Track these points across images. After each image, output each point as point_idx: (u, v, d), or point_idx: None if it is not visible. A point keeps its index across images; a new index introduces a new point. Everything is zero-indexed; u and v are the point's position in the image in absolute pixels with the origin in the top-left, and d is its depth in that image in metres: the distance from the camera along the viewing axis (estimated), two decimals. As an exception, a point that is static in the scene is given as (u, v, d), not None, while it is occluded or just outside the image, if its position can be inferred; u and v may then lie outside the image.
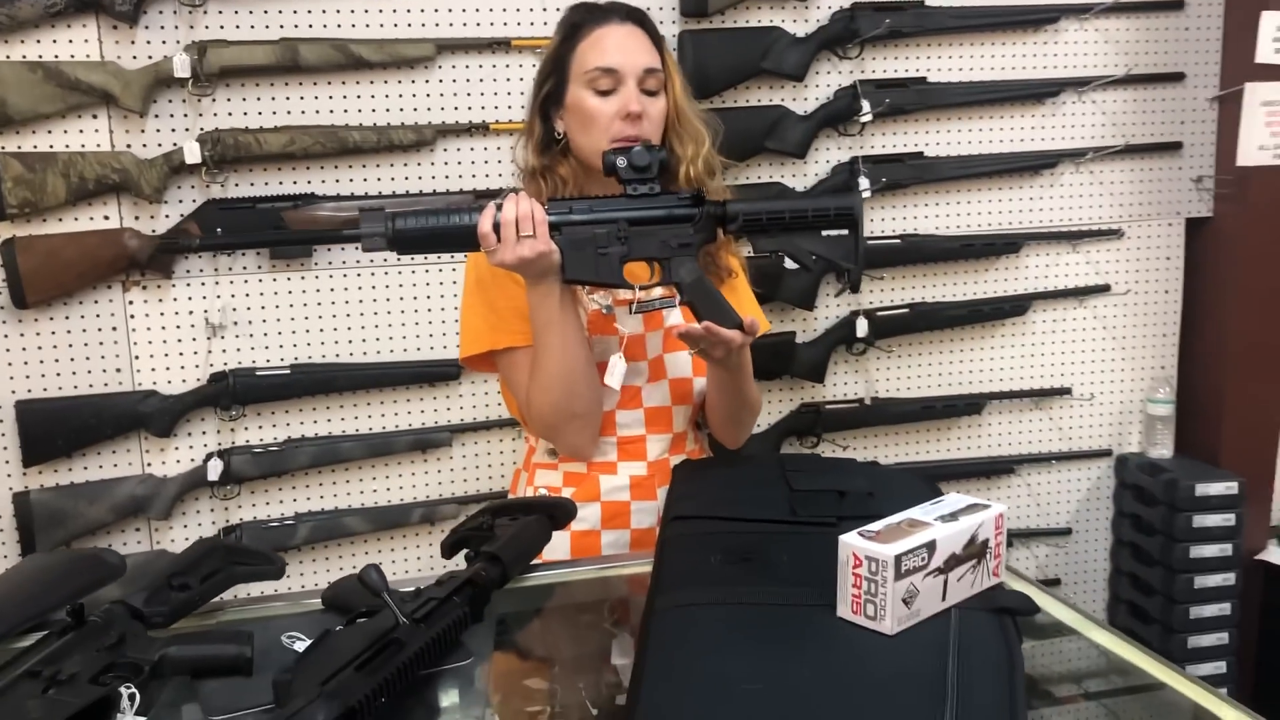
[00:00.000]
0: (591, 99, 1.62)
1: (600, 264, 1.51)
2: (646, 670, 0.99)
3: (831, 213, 1.52)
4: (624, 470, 1.71)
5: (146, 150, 2.19)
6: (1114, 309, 2.80)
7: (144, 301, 2.24)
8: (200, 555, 1.29)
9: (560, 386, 1.58)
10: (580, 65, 1.63)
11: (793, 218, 1.52)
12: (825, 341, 2.59)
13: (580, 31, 1.65)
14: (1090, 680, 1.27)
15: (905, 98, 2.54)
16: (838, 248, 1.53)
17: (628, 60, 1.62)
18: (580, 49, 1.64)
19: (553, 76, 1.67)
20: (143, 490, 2.25)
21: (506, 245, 1.47)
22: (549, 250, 1.48)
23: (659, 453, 1.72)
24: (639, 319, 1.67)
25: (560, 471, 1.72)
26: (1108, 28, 2.68)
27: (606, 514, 1.70)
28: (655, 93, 1.65)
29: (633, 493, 1.70)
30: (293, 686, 1.00)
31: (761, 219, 1.53)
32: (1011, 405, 2.77)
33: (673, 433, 1.73)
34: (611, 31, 1.64)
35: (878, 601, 1.02)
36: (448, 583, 1.21)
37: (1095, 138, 2.71)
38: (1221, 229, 2.78)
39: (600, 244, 1.51)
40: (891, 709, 0.91)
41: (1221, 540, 2.69)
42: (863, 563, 1.03)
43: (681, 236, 1.53)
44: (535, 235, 1.46)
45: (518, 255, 1.47)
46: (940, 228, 2.65)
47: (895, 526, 1.08)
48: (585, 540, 1.68)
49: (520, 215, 1.46)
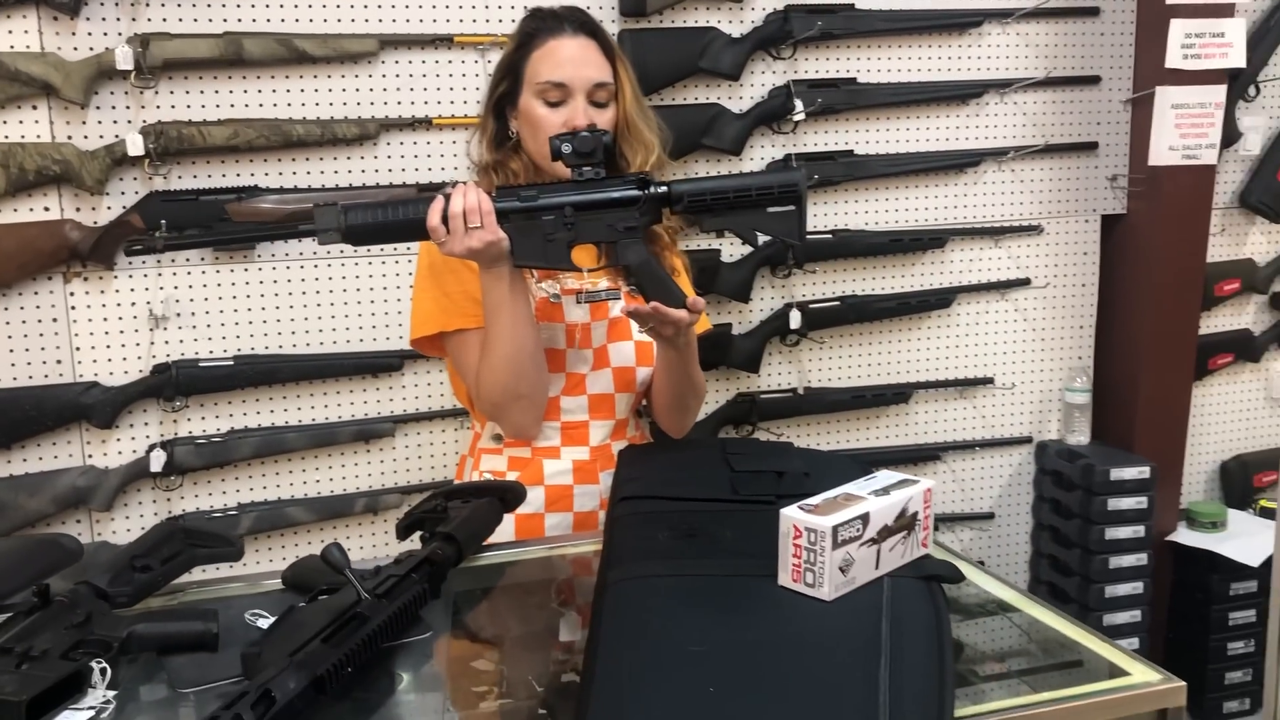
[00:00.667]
0: (540, 108, 1.69)
1: (548, 249, 1.55)
2: (601, 637, 1.05)
3: (775, 190, 1.55)
4: (567, 455, 1.76)
5: (88, 142, 2.19)
6: (1034, 302, 2.92)
7: (85, 293, 2.24)
8: (160, 538, 1.32)
9: (508, 367, 1.63)
10: (532, 75, 1.70)
11: (737, 196, 1.55)
12: (760, 333, 2.67)
13: (534, 40, 1.71)
14: (1015, 654, 1.35)
15: (836, 97, 2.63)
16: (782, 224, 1.57)
17: (577, 74, 1.68)
18: (534, 58, 1.70)
19: (507, 79, 1.74)
20: (84, 482, 2.25)
21: (455, 237, 1.51)
22: (497, 239, 1.53)
23: (601, 438, 1.78)
24: (585, 308, 1.73)
25: (505, 456, 1.78)
26: (1028, 32, 2.79)
27: (550, 497, 1.75)
28: (604, 104, 1.72)
29: (575, 476, 1.76)
30: (262, 658, 1.05)
31: (706, 199, 1.56)
32: (937, 394, 2.88)
33: (615, 419, 1.79)
34: (564, 44, 1.70)
35: (816, 570, 1.10)
36: (406, 561, 1.27)
37: (1016, 137, 2.82)
38: (1134, 225, 2.91)
39: (547, 230, 1.55)
40: (830, 666, 0.98)
41: (1134, 522, 2.82)
42: (802, 534, 1.10)
43: (627, 220, 1.57)
44: (483, 226, 1.51)
45: (466, 246, 1.52)
46: (870, 223, 2.74)
47: (832, 500, 1.15)
48: (529, 523, 1.74)
49: (468, 207, 1.51)
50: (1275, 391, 3.21)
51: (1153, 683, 1.10)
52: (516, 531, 1.72)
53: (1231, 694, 2.94)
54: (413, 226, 1.53)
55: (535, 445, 1.77)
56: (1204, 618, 2.91)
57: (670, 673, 0.98)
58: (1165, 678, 1.11)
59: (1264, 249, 3.13)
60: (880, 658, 0.99)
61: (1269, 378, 3.20)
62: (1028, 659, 1.28)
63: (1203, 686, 2.91)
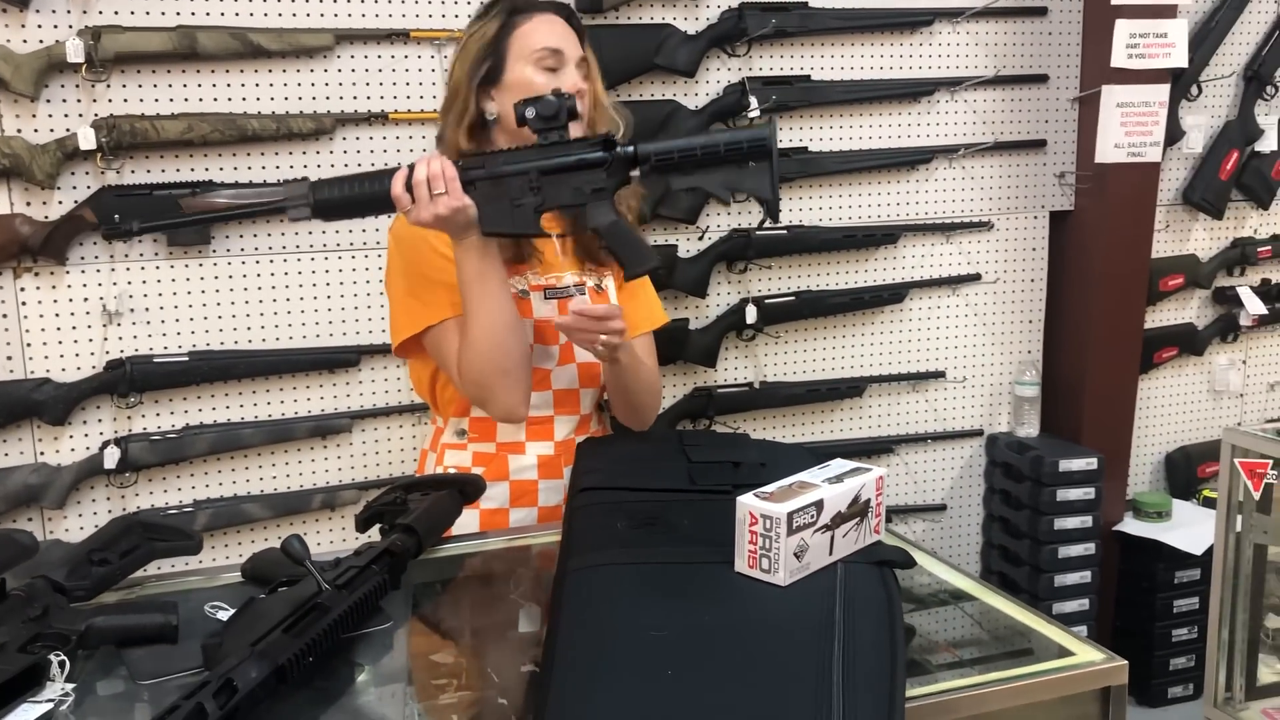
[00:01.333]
0: (539, 76, 1.68)
1: (516, 215, 1.54)
2: (561, 624, 1.07)
3: (745, 145, 1.52)
4: (532, 450, 1.77)
5: (38, 135, 2.17)
6: (984, 297, 2.97)
7: (36, 288, 2.21)
8: (118, 532, 1.32)
9: (488, 341, 1.61)
10: (525, 45, 1.70)
11: (705, 153, 1.51)
12: (716, 328, 2.69)
13: (517, 16, 1.72)
14: (967, 640, 1.38)
15: (790, 94, 2.66)
16: (753, 180, 1.53)
17: (569, 46, 1.72)
18: (523, 30, 1.71)
19: (490, 58, 1.71)
20: (36, 479, 2.23)
21: (421, 204, 1.51)
22: (463, 205, 1.52)
23: (566, 433, 1.79)
24: (553, 304, 1.73)
25: (469, 451, 1.78)
26: (978, 31, 2.84)
27: (515, 492, 1.76)
28: (586, 78, 1.74)
29: (540, 471, 1.77)
30: (223, 648, 1.05)
31: (673, 156, 1.52)
32: (890, 388, 2.92)
33: (579, 414, 1.80)
34: (550, 19, 1.73)
35: (772, 555, 1.12)
36: (366, 552, 1.27)
37: (967, 135, 2.87)
38: (1082, 221, 2.97)
39: (514, 195, 1.53)
40: (785, 648, 1.00)
41: (1082, 513, 2.88)
42: (758, 520, 1.13)
43: (594, 182, 1.54)
44: (448, 192, 1.51)
45: (433, 213, 1.51)
46: (824, 219, 2.78)
47: (787, 488, 1.17)
48: (494, 518, 1.75)
49: (431, 174, 1.50)
50: (1218, 384, 3.29)
51: (1096, 662, 1.14)
52: (480, 527, 1.73)
53: (1176, 679, 3.01)
54: (380, 198, 1.53)
55: (500, 440, 1.77)
56: (1150, 605, 2.98)
57: (629, 657, 0.99)
58: (1108, 657, 1.14)
59: (1206, 245, 3.21)
60: (834, 639, 1.01)
61: (1212, 371, 3.28)
62: (978, 645, 1.31)
63: (1149, 672, 2.98)
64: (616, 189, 1.57)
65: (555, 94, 1.56)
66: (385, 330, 2.39)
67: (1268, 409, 3.36)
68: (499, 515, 1.75)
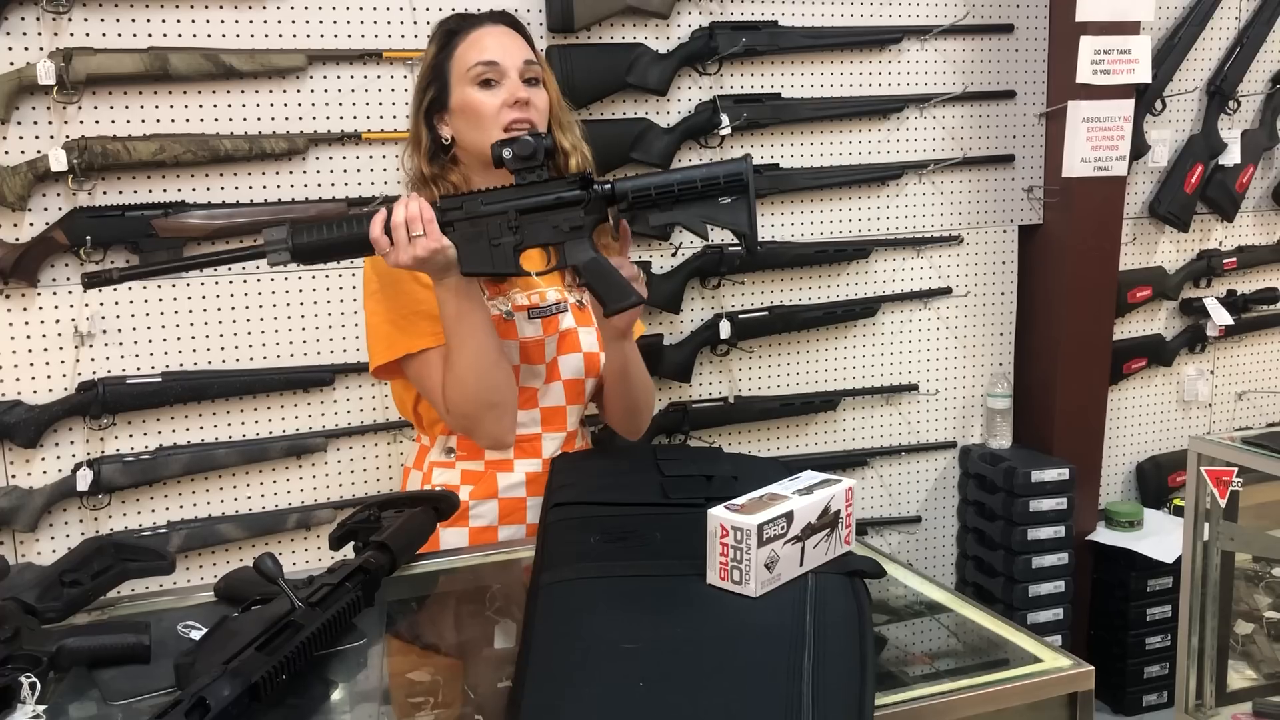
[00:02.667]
0: (477, 94, 1.69)
1: (495, 255, 1.54)
2: (534, 637, 1.07)
3: (721, 180, 1.53)
4: (520, 468, 1.77)
5: (9, 157, 2.16)
6: (956, 310, 3.00)
7: (8, 310, 2.21)
8: (90, 553, 1.31)
9: (474, 377, 1.62)
10: (461, 65, 1.70)
11: (682, 189, 1.53)
12: (691, 343, 2.71)
13: (456, 37, 1.73)
14: (940, 650, 1.39)
15: (761, 112, 2.69)
16: (729, 214, 1.54)
17: (507, 54, 1.70)
18: (459, 52, 1.71)
19: (434, 84, 1.73)
20: (7, 502, 2.22)
21: (400, 247, 1.51)
22: (442, 246, 1.52)
23: (553, 450, 1.79)
24: (538, 323, 1.74)
25: (458, 470, 1.77)
26: (946, 48, 2.88)
27: (504, 510, 1.76)
28: (536, 82, 1.73)
29: (528, 489, 1.76)
30: (195, 667, 1.05)
31: (651, 193, 1.54)
32: (864, 401, 2.94)
33: (566, 431, 1.81)
34: (489, 32, 1.73)
35: (743, 567, 1.13)
36: (339, 569, 1.27)
37: (936, 150, 2.90)
38: (1050, 234, 3.01)
39: (493, 235, 1.54)
40: (756, 658, 1.01)
41: (1055, 523, 2.90)
42: (729, 533, 1.14)
43: (573, 220, 1.55)
44: (426, 234, 1.51)
45: (412, 255, 1.51)
46: (796, 235, 2.80)
47: (757, 500, 1.19)
48: (483, 536, 1.74)
49: (409, 216, 1.50)
50: (1187, 394, 3.33)
51: (1063, 668, 1.15)
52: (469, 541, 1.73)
53: (1150, 687, 3.03)
54: (358, 241, 1.53)
55: (488, 458, 1.77)
56: (1123, 614, 3.00)
57: (601, 670, 1.00)
58: (1075, 663, 1.15)
59: (1173, 257, 3.25)
60: (804, 649, 1.02)
61: (1180, 381, 3.32)
62: (950, 655, 1.33)
63: (1123, 681, 3.00)
64: (595, 226, 1.58)
65: (532, 134, 1.58)
66: (360, 349, 2.40)
67: (1237, 418, 3.41)
68: (488, 533, 1.75)
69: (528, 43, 1.76)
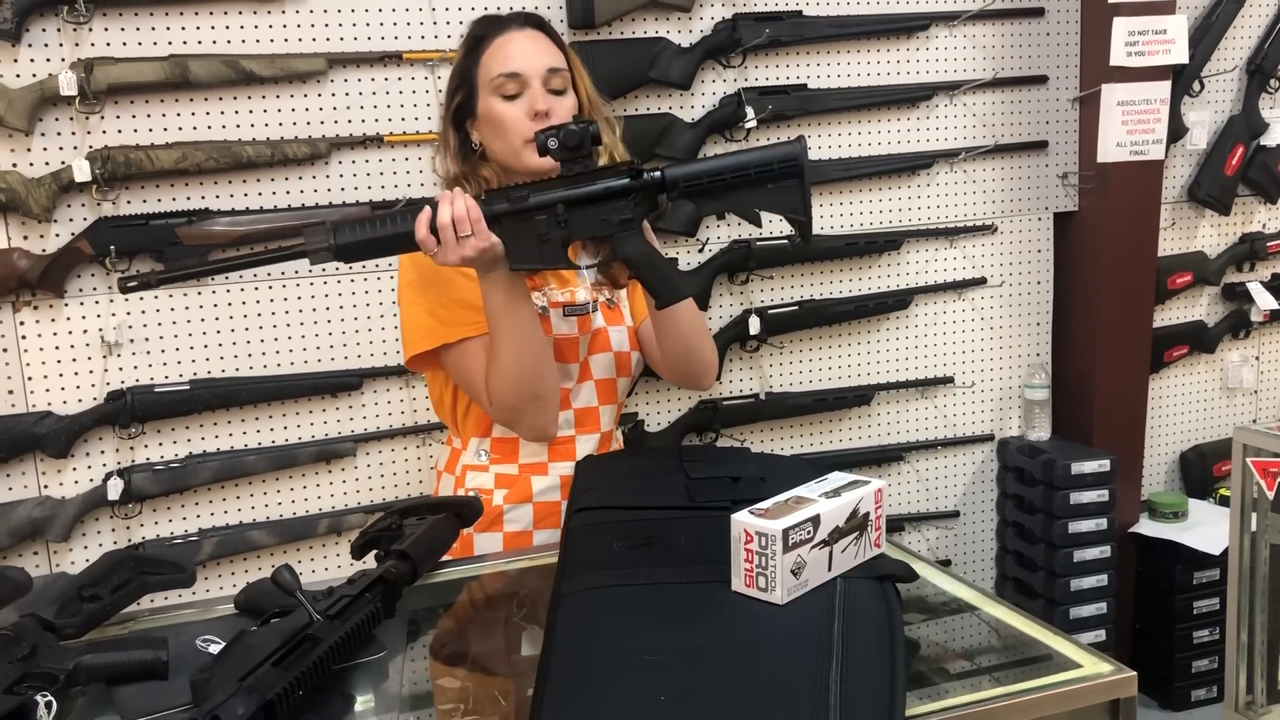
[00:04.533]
0: (500, 105, 1.66)
1: (544, 250, 1.50)
2: (554, 648, 1.05)
3: (775, 165, 1.47)
4: (555, 470, 1.74)
5: (34, 169, 2.17)
6: (991, 300, 2.94)
7: (35, 321, 2.21)
8: (110, 567, 1.31)
9: (518, 370, 1.59)
10: (486, 74, 1.68)
11: (735, 176, 1.47)
12: (720, 339, 2.67)
13: (483, 43, 1.70)
14: (973, 652, 1.35)
15: (787, 104, 2.65)
16: (785, 200, 1.48)
17: (530, 63, 1.66)
18: (484, 59, 1.69)
19: (461, 89, 1.71)
20: (40, 513, 2.22)
21: (448, 247, 1.48)
22: (490, 245, 1.49)
23: (588, 452, 1.76)
24: (572, 321, 1.71)
25: (491, 474, 1.75)
26: (975, 34, 2.82)
27: (539, 514, 1.73)
28: (561, 91, 1.69)
29: (563, 492, 1.72)
30: (211, 684, 1.03)
31: (702, 181, 1.48)
32: (898, 395, 2.89)
33: (600, 432, 1.78)
34: (513, 38, 1.69)
35: (769, 574, 1.10)
36: (359, 580, 1.25)
37: (967, 138, 2.85)
38: (1086, 222, 2.94)
39: (541, 230, 1.49)
40: (782, 669, 0.98)
41: (1097, 515, 2.84)
42: (753, 538, 1.11)
43: (621, 212, 1.49)
44: (474, 233, 1.47)
45: (460, 255, 1.48)
46: (825, 227, 2.76)
47: (782, 504, 1.15)
48: (518, 541, 1.72)
49: (456, 216, 1.47)
50: (1231, 381, 3.25)
51: (1104, 674, 1.11)
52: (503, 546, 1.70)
53: (1199, 682, 2.96)
54: (403, 239, 1.49)
55: (522, 461, 1.74)
56: (1169, 607, 2.93)
57: (622, 682, 0.97)
58: (1116, 669, 1.11)
59: (1214, 241, 3.18)
60: (832, 658, 0.99)
61: (1224, 368, 3.24)
62: (986, 656, 1.28)
63: (1170, 676, 2.93)
64: (644, 218, 1.52)
65: (577, 121, 1.53)
66: (387, 353, 2.40)
67: (1283, 405, 3.33)
68: (523, 538, 1.72)
69: (556, 44, 1.72)
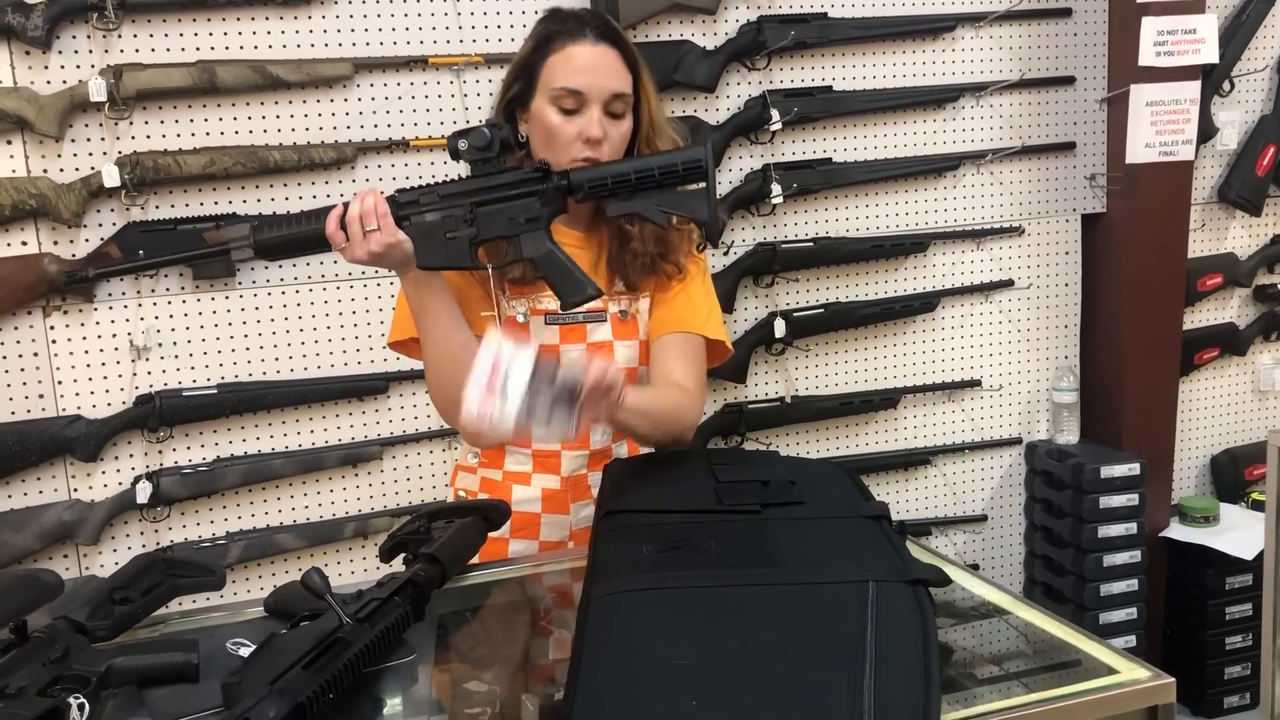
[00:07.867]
0: (555, 116, 1.61)
1: (450, 248, 1.51)
2: (584, 652, 1.04)
3: (680, 168, 1.50)
4: (537, 482, 1.71)
5: (64, 175, 2.19)
6: (1018, 303, 2.92)
7: (65, 326, 2.23)
8: (140, 569, 1.31)
9: (435, 370, 1.60)
10: (548, 79, 1.61)
11: (639, 178, 1.50)
12: (745, 342, 2.66)
13: (552, 43, 1.63)
14: (1006, 657, 1.34)
15: (813, 106, 2.64)
16: (690, 203, 1.52)
17: (594, 83, 1.60)
18: (550, 61, 1.62)
19: (520, 81, 1.66)
20: (70, 516, 2.24)
21: (355, 242, 1.49)
22: (397, 241, 1.49)
23: (574, 468, 1.71)
24: (554, 329, 1.68)
25: (478, 476, 1.74)
26: (1002, 35, 2.80)
27: (516, 523, 1.68)
28: (620, 115, 1.63)
29: (544, 505, 1.70)
30: (242, 687, 1.03)
31: (607, 183, 1.51)
32: (925, 398, 2.87)
33: (590, 449, 1.72)
34: (584, 50, 1.61)
35: None
36: (389, 584, 1.25)
37: (994, 140, 2.83)
38: (1115, 223, 2.92)
39: (449, 228, 1.51)
40: (814, 675, 0.97)
41: (1126, 519, 2.82)
42: None
43: (529, 211, 1.51)
44: (380, 228, 1.48)
45: (367, 250, 1.49)
46: (851, 230, 2.74)
47: None
48: (492, 548, 1.65)
49: (364, 211, 1.48)
50: (1263, 384, 3.21)
51: (1141, 680, 1.09)
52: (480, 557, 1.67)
53: (1231, 689, 2.93)
54: (316, 237, 1.51)
55: (506, 469, 1.72)
56: (1200, 613, 2.91)
57: (652, 686, 0.97)
58: (1154, 674, 1.09)
59: (1245, 242, 3.14)
60: (865, 664, 0.98)
61: (1256, 371, 3.21)
62: (1019, 661, 1.27)
63: (1202, 682, 2.90)
64: (552, 218, 1.54)
65: (489, 125, 1.54)
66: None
67: (1316, 408, 3.29)
68: (498, 545, 1.69)
69: (627, 61, 1.64)
